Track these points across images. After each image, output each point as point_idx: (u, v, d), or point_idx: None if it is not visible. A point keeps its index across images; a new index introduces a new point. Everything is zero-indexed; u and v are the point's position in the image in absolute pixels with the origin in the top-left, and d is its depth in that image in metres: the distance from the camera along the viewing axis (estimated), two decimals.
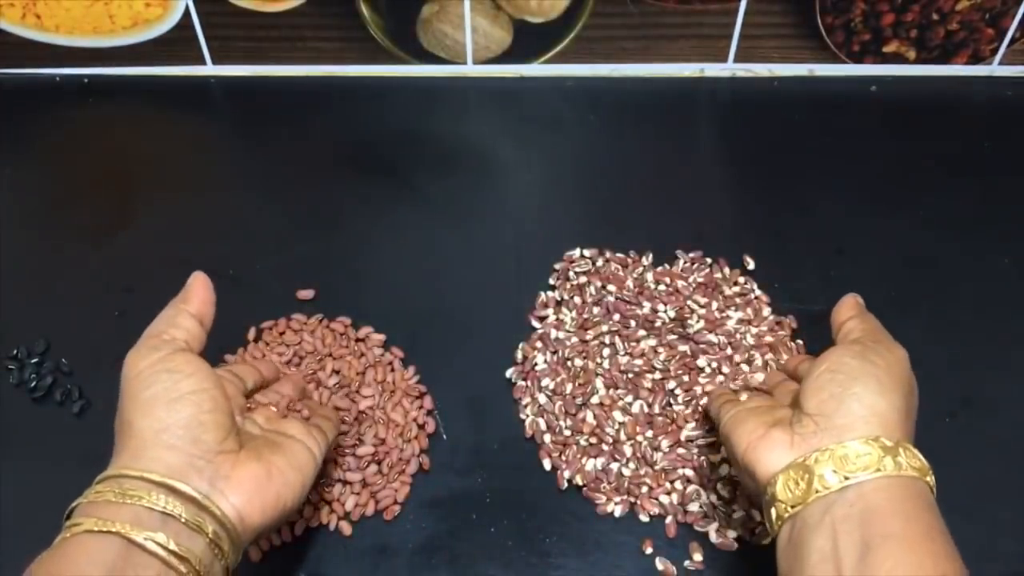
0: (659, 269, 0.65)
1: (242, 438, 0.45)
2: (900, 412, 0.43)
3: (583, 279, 0.64)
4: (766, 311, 0.63)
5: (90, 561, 0.38)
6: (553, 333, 0.62)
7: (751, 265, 0.66)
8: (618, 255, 0.66)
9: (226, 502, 0.42)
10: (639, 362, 0.59)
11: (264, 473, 0.44)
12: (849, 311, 0.50)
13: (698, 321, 0.61)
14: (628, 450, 0.56)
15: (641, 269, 0.65)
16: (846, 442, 0.42)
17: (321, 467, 0.55)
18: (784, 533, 0.42)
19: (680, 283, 0.64)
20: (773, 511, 0.43)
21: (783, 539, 0.42)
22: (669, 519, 0.54)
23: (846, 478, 0.41)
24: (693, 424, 0.57)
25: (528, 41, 0.78)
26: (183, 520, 0.40)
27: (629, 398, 0.58)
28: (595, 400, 0.58)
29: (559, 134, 0.78)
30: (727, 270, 0.65)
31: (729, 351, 0.60)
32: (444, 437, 0.58)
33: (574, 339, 0.61)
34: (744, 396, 0.51)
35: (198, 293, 0.49)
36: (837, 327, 0.50)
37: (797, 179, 0.73)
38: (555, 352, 0.61)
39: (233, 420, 0.45)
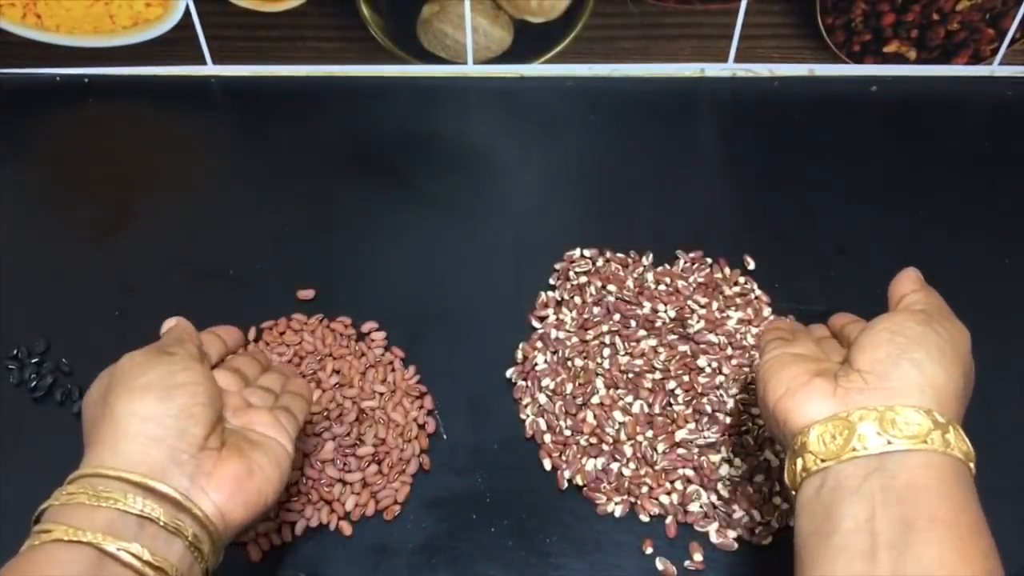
0: (659, 269, 0.65)
1: (223, 435, 0.44)
2: (957, 389, 0.41)
3: (583, 279, 0.64)
4: (766, 311, 0.63)
5: (59, 573, 0.37)
6: (553, 333, 0.62)
7: (751, 265, 0.66)
8: (618, 255, 0.66)
9: (207, 500, 0.41)
10: (639, 362, 0.59)
11: (245, 470, 0.43)
12: (912, 284, 0.47)
13: (698, 321, 0.61)
14: (628, 450, 0.56)
15: (641, 269, 0.65)
16: (897, 406, 0.39)
17: (321, 468, 0.55)
18: (810, 488, 0.40)
19: (680, 283, 0.64)
20: (800, 462, 0.41)
21: (808, 493, 0.40)
22: (669, 519, 0.54)
23: (889, 442, 0.38)
24: (693, 424, 0.57)
25: (528, 41, 0.78)
26: (161, 523, 0.39)
27: (629, 398, 0.58)
28: (595, 400, 0.58)
29: (559, 134, 0.77)
30: (727, 270, 0.65)
31: (729, 351, 0.60)
32: (444, 437, 0.58)
33: (574, 339, 0.61)
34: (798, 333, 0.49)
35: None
36: (897, 299, 0.47)
37: (797, 179, 0.73)
38: (555, 352, 0.61)
39: (221, 418, 0.44)
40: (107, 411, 0.41)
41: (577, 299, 0.63)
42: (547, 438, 0.57)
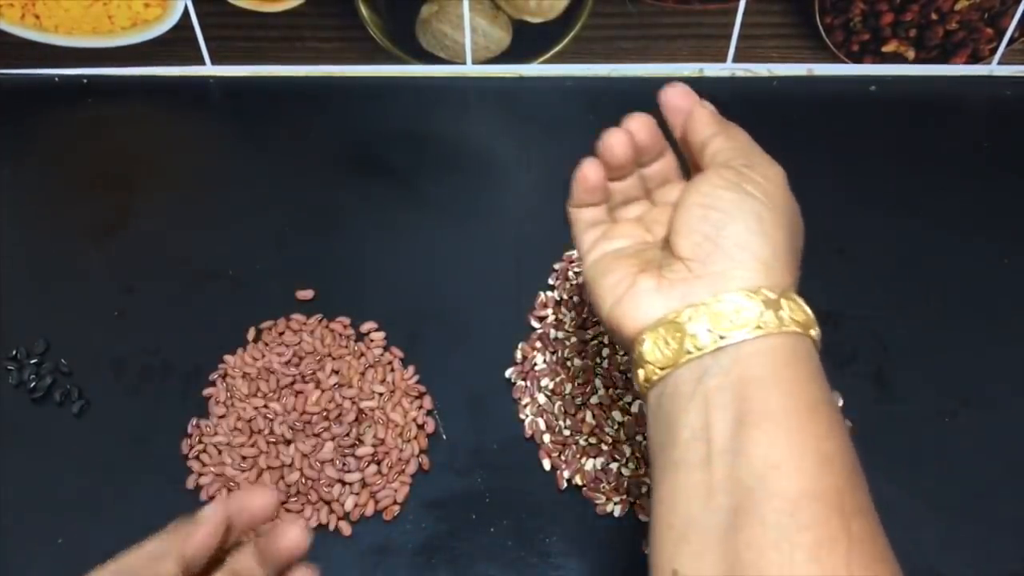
0: None
1: None
2: (785, 252, 0.39)
3: (582, 279, 0.64)
4: None
5: None
6: (552, 333, 0.62)
7: None
8: None
9: None
10: None
11: None
12: (709, 126, 0.43)
13: None
14: (627, 450, 0.56)
15: None
16: (722, 295, 0.37)
17: (320, 468, 0.55)
18: (653, 399, 0.38)
19: None
20: (641, 373, 0.38)
21: (652, 406, 0.38)
22: None
23: (721, 337, 0.36)
24: None
25: (527, 41, 0.78)
26: None
27: (628, 398, 0.58)
28: (594, 400, 0.58)
29: (559, 134, 0.77)
30: None
31: None
32: (444, 437, 0.58)
33: (573, 339, 0.61)
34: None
35: (203, 537, 0.37)
36: (699, 147, 0.42)
37: (797, 179, 0.73)
38: (554, 352, 0.61)
39: None
40: None
41: (576, 299, 0.63)
42: (546, 438, 0.57)
